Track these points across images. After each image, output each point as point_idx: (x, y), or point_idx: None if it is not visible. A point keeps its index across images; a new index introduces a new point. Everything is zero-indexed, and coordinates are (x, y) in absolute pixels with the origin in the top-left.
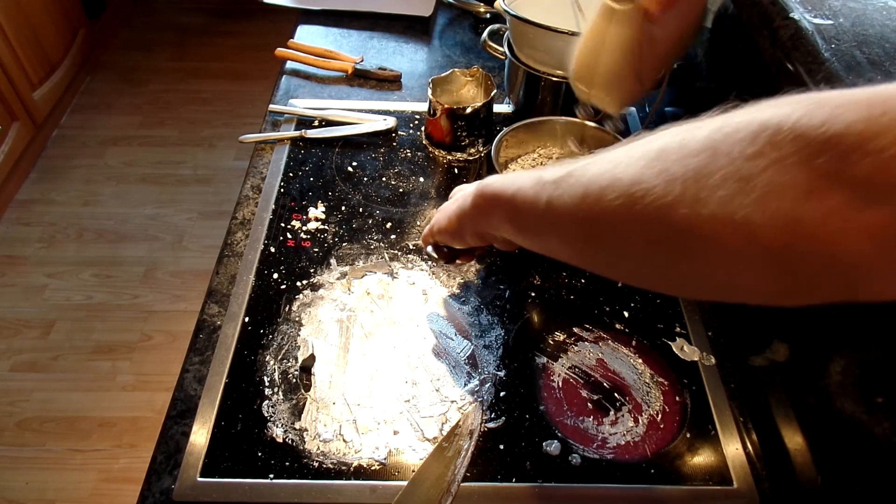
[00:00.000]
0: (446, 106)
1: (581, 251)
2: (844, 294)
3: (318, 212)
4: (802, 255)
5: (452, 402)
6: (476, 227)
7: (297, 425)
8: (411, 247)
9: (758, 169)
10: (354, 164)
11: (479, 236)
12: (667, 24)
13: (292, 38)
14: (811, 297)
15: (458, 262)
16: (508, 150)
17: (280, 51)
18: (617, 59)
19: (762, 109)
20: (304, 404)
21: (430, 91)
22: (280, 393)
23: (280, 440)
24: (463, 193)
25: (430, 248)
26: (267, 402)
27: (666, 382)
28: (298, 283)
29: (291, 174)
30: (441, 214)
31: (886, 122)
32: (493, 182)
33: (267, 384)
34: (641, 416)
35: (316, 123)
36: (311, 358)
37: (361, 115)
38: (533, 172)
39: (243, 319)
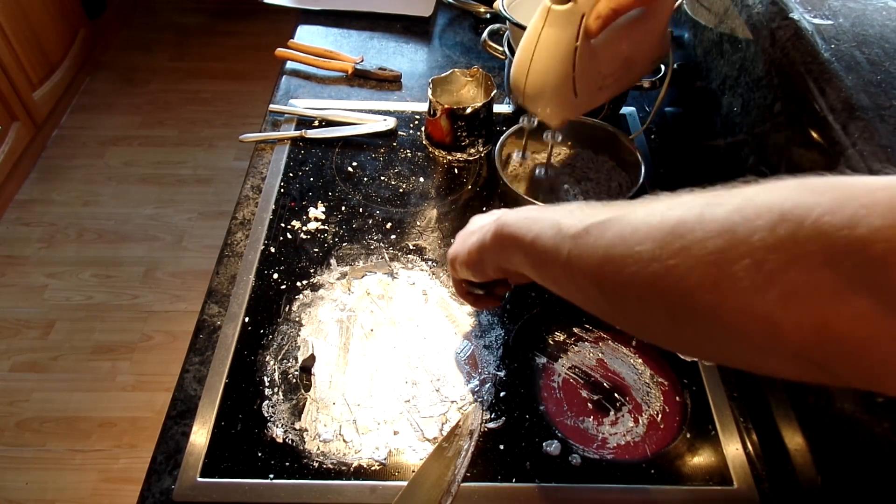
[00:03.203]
0: (446, 106)
1: (603, 310)
2: (873, 387)
3: (318, 212)
4: (828, 355)
5: (452, 402)
6: (497, 262)
7: (297, 425)
8: (411, 247)
9: (780, 264)
10: (354, 164)
11: (500, 271)
12: (612, 42)
13: (292, 38)
14: (838, 385)
15: (491, 301)
16: (511, 148)
17: (280, 51)
18: (549, 65)
19: (784, 194)
20: (304, 404)
21: (430, 91)
22: (280, 393)
23: (280, 440)
24: (482, 226)
25: (468, 291)
26: (267, 402)
27: (666, 382)
28: (298, 284)
29: (291, 174)
30: (460, 247)
31: None
32: (511, 223)
33: (267, 384)
34: (641, 416)
35: (316, 123)
36: (311, 358)
37: (361, 115)
38: (552, 216)
39: (243, 319)
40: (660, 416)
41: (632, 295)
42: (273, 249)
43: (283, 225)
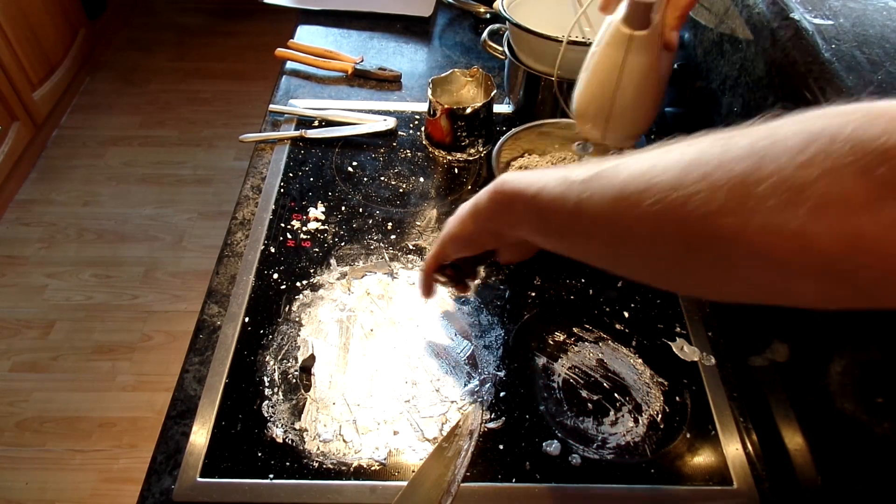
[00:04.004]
0: (446, 106)
1: (612, 254)
2: None
3: (318, 212)
4: (860, 266)
5: (452, 402)
6: (493, 225)
7: (297, 425)
8: (411, 247)
9: (810, 178)
10: (354, 164)
11: (495, 236)
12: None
13: (292, 38)
14: (869, 305)
15: (466, 282)
16: (510, 152)
17: (280, 51)
18: (638, 91)
19: (811, 120)
20: (304, 404)
21: (430, 91)
22: (280, 393)
23: (280, 440)
24: (475, 197)
25: (435, 276)
26: (267, 402)
27: (666, 382)
28: (298, 284)
29: (291, 174)
30: (451, 221)
31: None
32: (512, 179)
33: (267, 384)
34: (641, 416)
35: (316, 123)
36: (311, 358)
37: (361, 115)
38: (557, 171)
39: (243, 319)
40: (660, 416)
41: (644, 229)
42: (273, 249)
43: (283, 225)
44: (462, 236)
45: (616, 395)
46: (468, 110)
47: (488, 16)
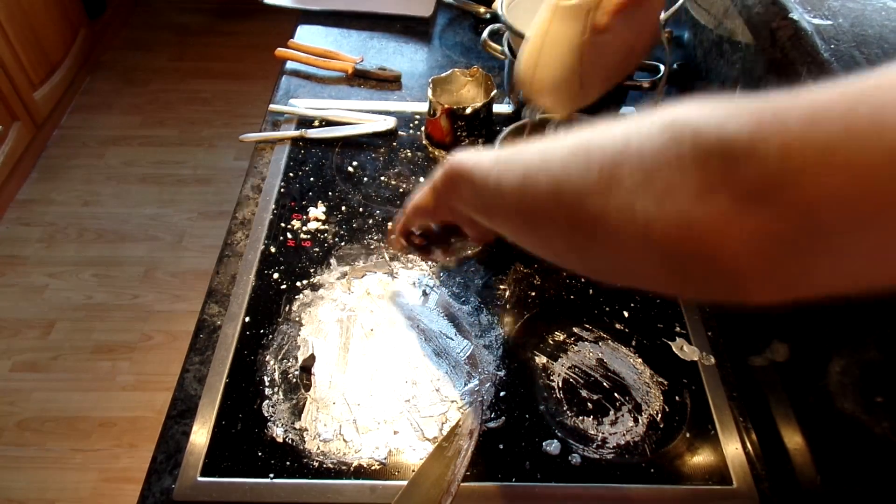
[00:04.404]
0: (446, 106)
1: (519, 231)
2: (731, 295)
3: (318, 212)
4: (689, 255)
5: (452, 402)
6: (447, 199)
7: (297, 425)
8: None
9: (658, 165)
10: (354, 164)
11: (450, 211)
12: (617, 34)
13: (292, 38)
14: (702, 295)
15: (434, 256)
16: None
17: (280, 51)
18: (558, 59)
19: (676, 109)
20: (304, 404)
21: (430, 91)
22: (280, 393)
23: (280, 440)
24: (437, 171)
25: (402, 240)
26: (267, 402)
27: (666, 382)
28: (298, 283)
29: (291, 174)
30: (417, 193)
31: (772, 130)
32: (461, 158)
33: (267, 384)
34: (641, 416)
35: (316, 123)
36: (311, 358)
37: (361, 115)
38: (495, 151)
39: (243, 319)
40: (660, 416)
41: (539, 206)
42: (273, 249)
43: (283, 225)
44: (421, 207)
45: (616, 394)
46: (468, 110)
47: (488, 16)
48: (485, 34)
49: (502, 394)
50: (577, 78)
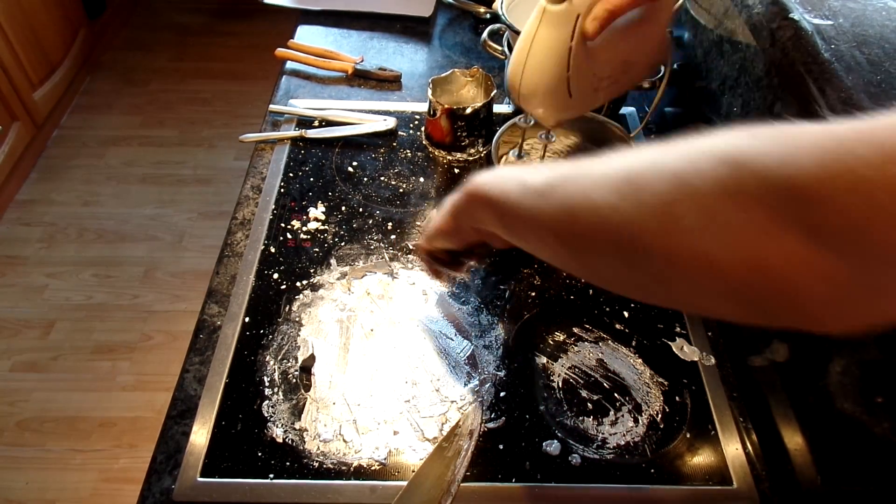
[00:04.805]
0: (446, 106)
1: (564, 261)
2: (806, 326)
3: (318, 212)
4: (761, 291)
5: (452, 402)
6: (470, 223)
7: (297, 425)
8: (411, 247)
9: (718, 203)
10: (354, 164)
11: (475, 231)
12: (611, 44)
13: (292, 38)
14: (771, 324)
15: (455, 272)
16: (508, 145)
17: (280, 51)
18: (545, 64)
19: (727, 139)
20: (304, 404)
21: (430, 91)
22: (280, 393)
23: (280, 440)
24: (456, 192)
25: (426, 257)
26: (267, 402)
27: (666, 382)
28: (298, 284)
29: (291, 174)
30: (437, 215)
31: (841, 167)
32: (482, 181)
33: (267, 384)
34: (641, 416)
35: (316, 123)
36: (311, 358)
37: (361, 115)
38: (518, 174)
39: (243, 319)
40: (660, 415)
41: (589, 243)
42: (273, 249)
43: (283, 225)
44: (445, 231)
45: (616, 395)
46: (468, 110)
47: (488, 16)
48: (485, 34)
49: (502, 394)
50: (564, 85)
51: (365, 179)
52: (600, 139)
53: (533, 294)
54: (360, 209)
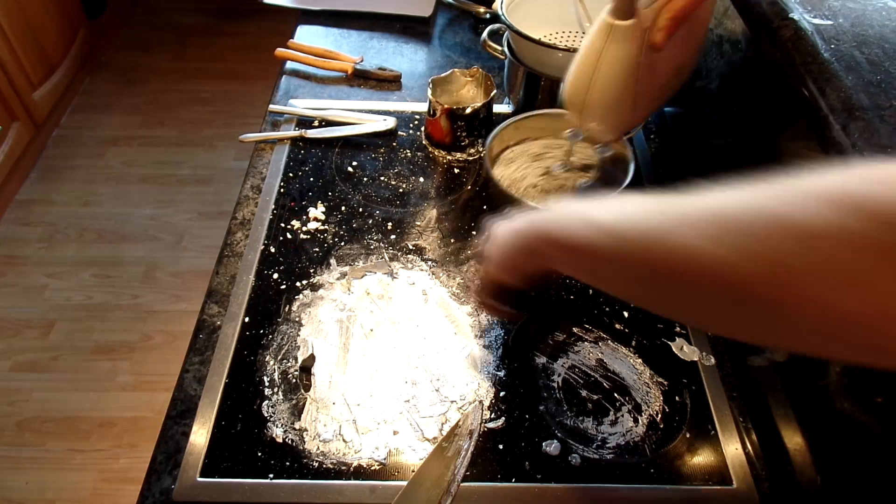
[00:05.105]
0: (446, 106)
1: (644, 298)
2: None
3: (318, 212)
4: (893, 339)
5: (452, 402)
6: (533, 263)
7: (297, 425)
8: (411, 247)
9: (840, 251)
10: (354, 164)
11: (536, 269)
12: (668, 51)
13: (292, 38)
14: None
15: (513, 315)
16: (502, 144)
17: (280, 51)
18: (613, 81)
19: (835, 182)
20: (304, 404)
21: (429, 91)
22: (280, 393)
23: (280, 440)
24: (510, 230)
25: (489, 301)
26: (267, 402)
27: (666, 382)
28: (298, 283)
29: (291, 174)
30: (493, 255)
31: None
32: (541, 225)
33: (267, 384)
34: (641, 416)
35: (316, 123)
36: (311, 358)
37: (361, 115)
38: (578, 212)
39: (243, 319)
40: (660, 415)
41: (681, 287)
42: (273, 249)
43: (283, 225)
44: (507, 269)
45: (616, 395)
46: (468, 110)
47: (488, 16)
48: (485, 34)
49: (502, 394)
50: (631, 99)
51: (365, 179)
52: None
53: (533, 294)
54: (360, 209)
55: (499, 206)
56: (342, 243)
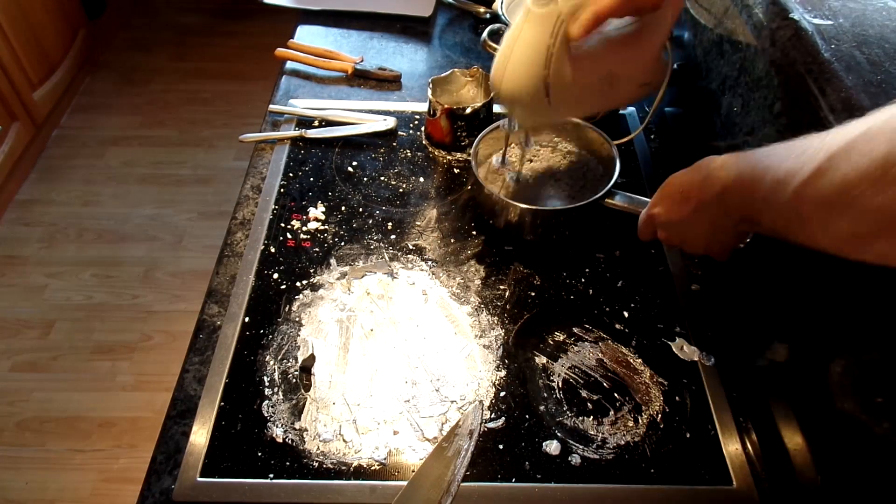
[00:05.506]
0: (446, 106)
1: (841, 245)
2: None
3: (318, 212)
4: None
5: (452, 402)
6: (726, 212)
7: (297, 425)
8: (411, 247)
9: None
10: (354, 164)
11: (740, 222)
12: (598, 56)
13: (292, 38)
14: None
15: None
16: (489, 147)
17: (280, 51)
18: (523, 65)
19: None
20: (304, 404)
21: (430, 91)
22: (280, 393)
23: (280, 440)
24: (685, 178)
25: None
26: (267, 402)
27: (666, 382)
28: (298, 283)
29: (291, 174)
30: (664, 203)
31: None
32: (720, 165)
33: (267, 384)
34: (641, 416)
35: (316, 123)
36: (311, 358)
37: (361, 115)
38: (777, 158)
39: (243, 319)
40: (660, 415)
41: (868, 217)
42: (273, 249)
43: (282, 225)
44: (674, 222)
45: (616, 395)
46: (468, 110)
47: (488, 16)
48: (485, 34)
49: (502, 394)
50: (543, 89)
51: (365, 179)
52: (575, 139)
53: (533, 294)
54: (360, 209)
55: (484, 210)
56: (342, 243)
